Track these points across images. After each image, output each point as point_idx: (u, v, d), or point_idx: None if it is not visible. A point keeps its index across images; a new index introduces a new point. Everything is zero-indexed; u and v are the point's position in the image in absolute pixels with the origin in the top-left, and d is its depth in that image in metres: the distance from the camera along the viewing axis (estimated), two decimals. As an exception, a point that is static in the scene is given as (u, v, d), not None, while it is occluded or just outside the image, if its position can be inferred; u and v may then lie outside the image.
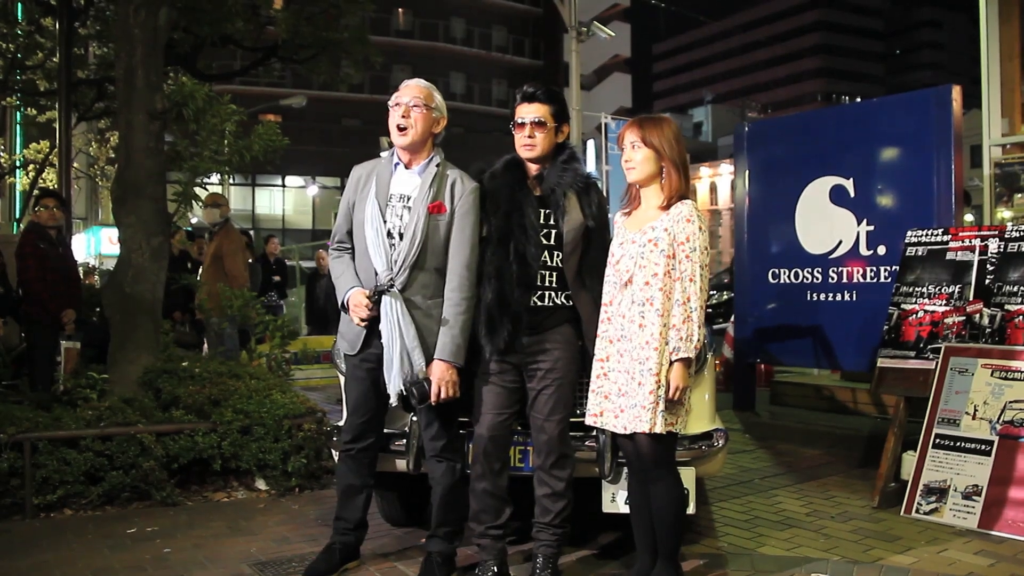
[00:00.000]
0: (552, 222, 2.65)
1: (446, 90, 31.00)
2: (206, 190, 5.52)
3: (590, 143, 8.23)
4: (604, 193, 3.40)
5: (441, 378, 2.53)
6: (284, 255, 11.13)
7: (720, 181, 22.02)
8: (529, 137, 2.65)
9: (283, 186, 30.50)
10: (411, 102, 2.67)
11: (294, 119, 25.34)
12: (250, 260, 6.44)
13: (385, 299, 2.57)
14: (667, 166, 2.45)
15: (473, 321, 2.64)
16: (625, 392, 2.40)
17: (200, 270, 6.63)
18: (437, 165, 2.68)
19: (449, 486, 2.67)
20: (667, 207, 2.43)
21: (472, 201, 2.66)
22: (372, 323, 2.62)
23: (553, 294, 2.64)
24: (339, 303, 2.73)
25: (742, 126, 5.44)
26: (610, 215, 2.77)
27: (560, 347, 2.63)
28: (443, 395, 2.54)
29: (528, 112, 2.67)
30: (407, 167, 2.70)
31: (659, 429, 2.31)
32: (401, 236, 2.60)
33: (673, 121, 2.60)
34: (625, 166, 2.50)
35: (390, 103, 2.73)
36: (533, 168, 2.72)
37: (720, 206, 19.60)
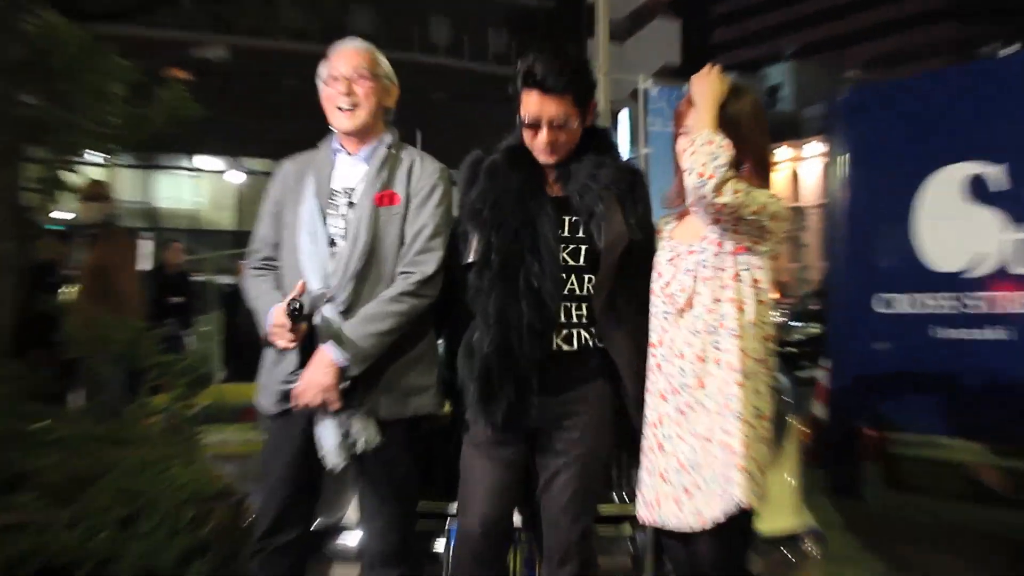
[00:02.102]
0: (581, 234, 2.69)
1: (425, 41, 29.54)
2: (83, 176, 5.38)
3: (623, 115, 8.01)
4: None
5: (310, 380, 2.57)
6: (191, 268, 10.97)
7: (805, 168, 21.76)
8: (548, 144, 2.69)
9: (195, 171, 29.87)
10: (353, 73, 2.77)
11: (212, 78, 24.66)
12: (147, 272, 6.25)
13: (320, 324, 2.63)
14: (746, 156, 2.48)
15: (457, 369, 2.64)
16: (692, 466, 2.38)
17: (72, 288, 6.47)
18: (389, 147, 2.82)
19: None
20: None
21: (435, 183, 2.77)
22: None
23: (582, 334, 2.62)
24: (261, 335, 2.79)
25: (840, 92, 5.40)
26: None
27: (589, 410, 2.60)
28: (300, 403, 2.62)
29: (542, 108, 2.67)
30: (350, 154, 2.84)
31: (750, 501, 2.31)
32: (344, 240, 2.73)
33: (752, 91, 2.63)
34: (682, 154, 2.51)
35: (322, 77, 2.82)
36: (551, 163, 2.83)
37: (805, 202, 19.25)
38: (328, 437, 2.63)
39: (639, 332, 2.65)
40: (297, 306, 2.62)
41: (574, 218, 2.70)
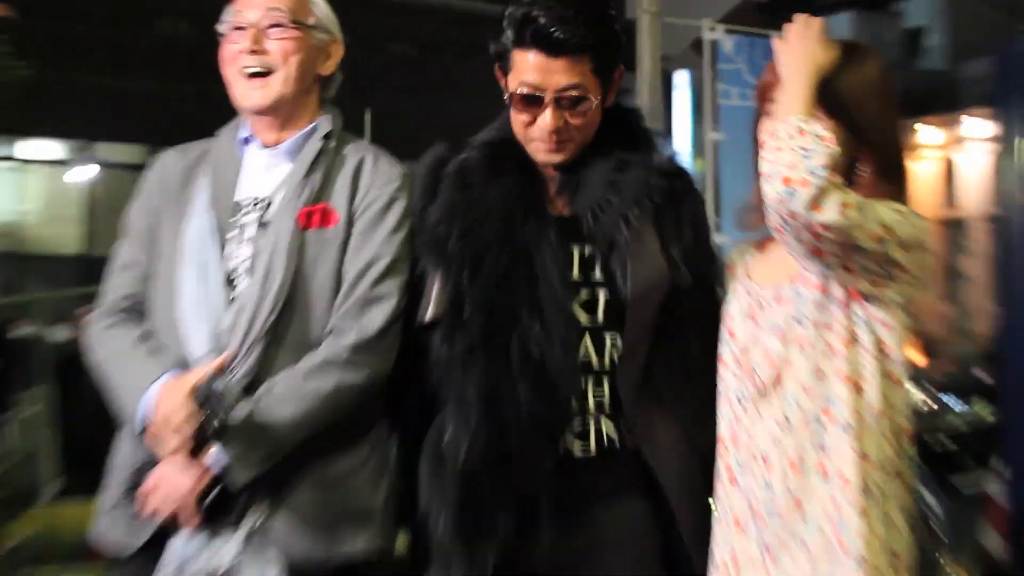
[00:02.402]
0: (598, 274, 2.32)
1: None
2: None
3: (680, 79, 7.00)
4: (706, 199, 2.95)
5: (161, 478, 2.15)
6: (9, 315, 9.09)
7: (964, 158, 15.32)
8: (553, 133, 2.27)
9: (18, 161, 20.96)
10: (265, 19, 2.38)
11: (47, 20, 17.80)
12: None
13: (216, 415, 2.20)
14: (865, 153, 2.14)
15: (418, 486, 2.27)
16: None
17: None
18: (325, 139, 2.43)
19: None
20: None
21: (392, 196, 2.40)
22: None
23: (605, 428, 2.28)
24: (132, 425, 2.29)
25: (1019, 39, 4.76)
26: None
27: (621, 550, 2.27)
28: (146, 511, 2.17)
29: (546, 76, 2.26)
30: (264, 146, 2.44)
31: None
32: (250, 278, 2.35)
33: (879, 56, 2.27)
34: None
35: (223, 24, 2.45)
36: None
37: (965, 212, 13.91)
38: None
39: (695, 424, 2.30)
40: (212, 394, 2.15)
41: (588, 250, 2.32)
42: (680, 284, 2.34)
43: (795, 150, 2.02)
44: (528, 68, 2.28)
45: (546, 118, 2.29)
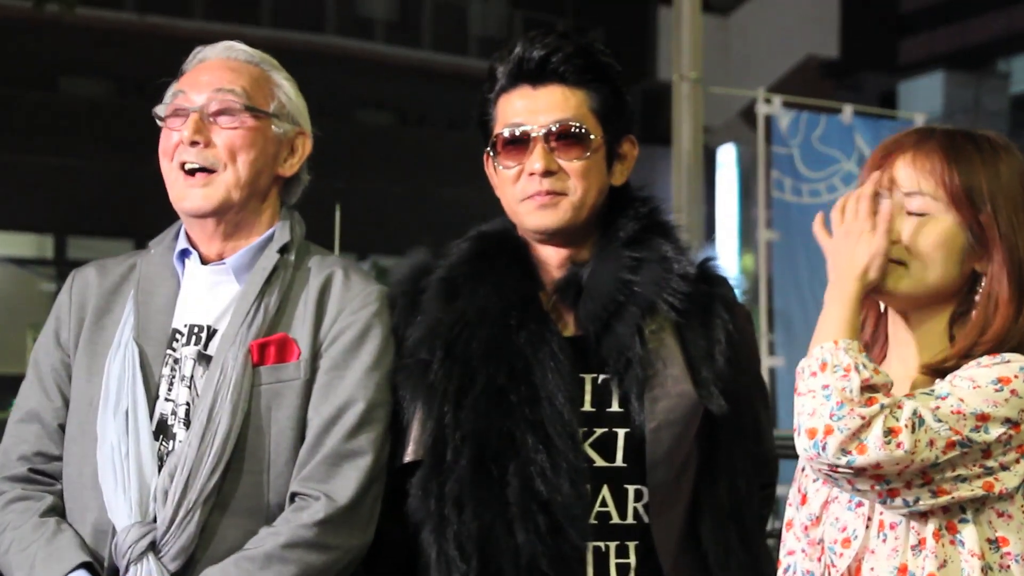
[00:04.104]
0: (616, 406, 2.24)
1: (353, 16, 22.23)
2: None
3: (724, 154, 7.06)
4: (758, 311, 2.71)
5: None
6: None
7: None
8: (545, 176, 2.20)
9: None
10: (213, 102, 2.28)
11: None
12: None
13: None
14: (995, 264, 2.02)
15: None
16: None
17: None
18: (281, 252, 2.31)
19: None
20: (954, 366, 1.98)
21: (368, 322, 2.30)
22: None
23: None
24: None
25: None
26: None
27: None
28: None
29: (535, 106, 2.24)
30: (206, 261, 2.34)
31: None
32: (188, 427, 2.23)
33: (1017, 151, 2.17)
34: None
35: (162, 108, 2.35)
36: (554, 258, 2.29)
37: None
38: None
39: None
40: None
41: (601, 378, 2.24)
42: (715, 413, 2.22)
43: (815, 392, 1.96)
44: (512, 109, 2.24)
45: (534, 158, 2.22)
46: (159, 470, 2.21)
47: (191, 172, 2.31)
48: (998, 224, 2.03)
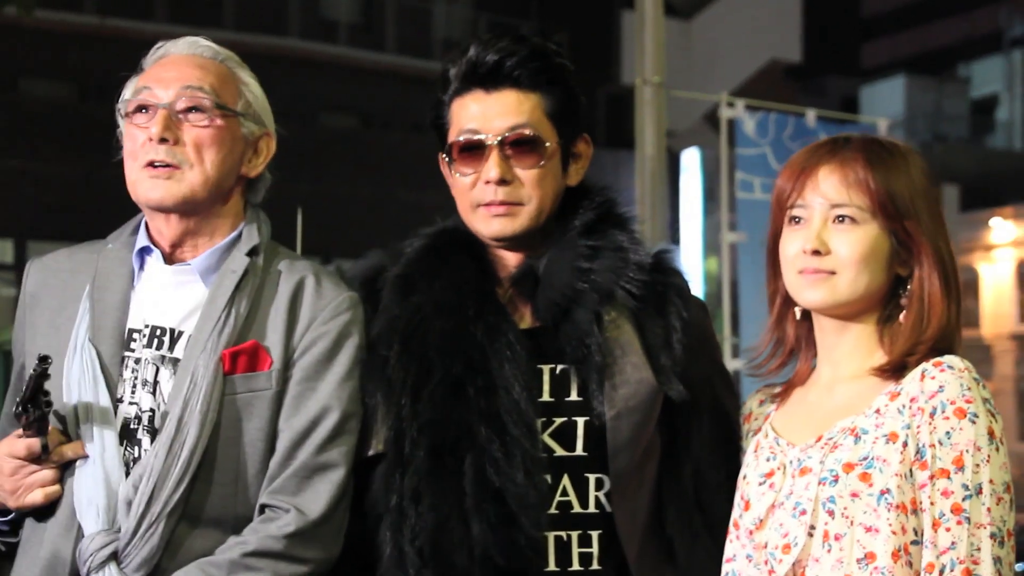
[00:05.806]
0: (575, 395, 2.22)
1: (316, 19, 22.86)
2: None
3: (687, 158, 7.11)
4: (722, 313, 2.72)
5: None
6: None
7: None
8: (501, 184, 2.20)
9: None
10: (182, 99, 2.21)
11: None
12: None
13: None
14: (924, 267, 2.07)
15: None
16: None
17: None
18: (251, 255, 2.23)
19: None
20: (900, 369, 2.04)
21: (341, 329, 2.24)
22: None
23: None
24: None
25: None
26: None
27: None
28: None
29: (487, 111, 2.23)
30: (170, 261, 2.25)
31: None
32: (153, 434, 2.14)
33: (918, 155, 2.23)
34: (798, 265, 2.08)
35: (124, 105, 2.28)
36: (511, 258, 2.29)
37: None
38: None
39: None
40: (34, 397, 2.06)
41: (559, 368, 2.23)
42: (674, 399, 2.21)
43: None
44: (467, 113, 2.23)
45: (489, 166, 2.22)
46: (126, 476, 2.16)
47: (153, 165, 2.26)
48: (922, 227, 2.09)
